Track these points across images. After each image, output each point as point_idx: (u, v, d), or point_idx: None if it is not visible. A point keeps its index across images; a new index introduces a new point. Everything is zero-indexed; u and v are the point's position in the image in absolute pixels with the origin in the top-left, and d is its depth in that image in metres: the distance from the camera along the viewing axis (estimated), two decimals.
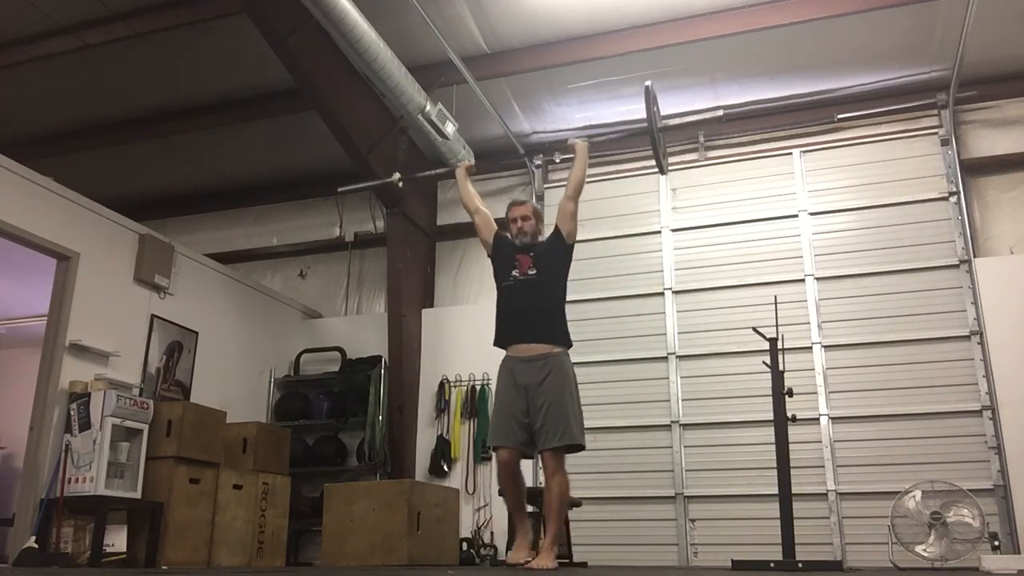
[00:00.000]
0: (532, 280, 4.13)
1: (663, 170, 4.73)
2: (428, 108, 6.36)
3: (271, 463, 6.22)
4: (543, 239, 4.36)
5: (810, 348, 6.32)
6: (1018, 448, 5.66)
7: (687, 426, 6.50)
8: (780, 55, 6.31)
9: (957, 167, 6.39)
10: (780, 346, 4.97)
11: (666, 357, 6.68)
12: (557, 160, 7.21)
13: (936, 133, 6.53)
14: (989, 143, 6.46)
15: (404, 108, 6.36)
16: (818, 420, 6.14)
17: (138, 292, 6.11)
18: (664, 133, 4.53)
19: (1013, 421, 5.73)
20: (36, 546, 4.89)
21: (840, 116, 6.70)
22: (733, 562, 4.82)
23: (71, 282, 5.54)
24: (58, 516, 5.01)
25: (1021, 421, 5.71)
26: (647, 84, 4.29)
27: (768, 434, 4.97)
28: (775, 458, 4.78)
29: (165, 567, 5.14)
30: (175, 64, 6.73)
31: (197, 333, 6.62)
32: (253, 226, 8.47)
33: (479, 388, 6.99)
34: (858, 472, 6.01)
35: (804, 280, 6.50)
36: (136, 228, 6.18)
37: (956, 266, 6.20)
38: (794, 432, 4.90)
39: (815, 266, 6.51)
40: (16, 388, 7.72)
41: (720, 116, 4.63)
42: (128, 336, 5.96)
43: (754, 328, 5.26)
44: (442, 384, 7.13)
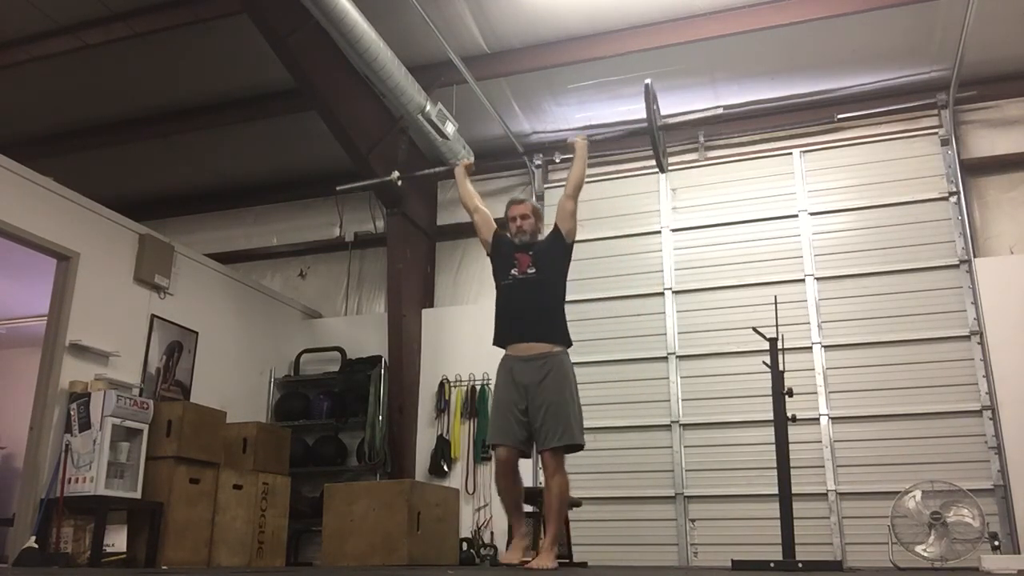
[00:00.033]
0: (531, 279, 4.12)
1: (663, 168, 4.72)
2: (428, 108, 6.36)
3: (271, 463, 6.22)
4: (542, 238, 4.35)
5: (810, 348, 6.32)
6: (1018, 448, 5.66)
7: (687, 426, 6.50)
8: (780, 55, 6.31)
9: (957, 167, 6.39)
10: (780, 346, 4.97)
11: (666, 357, 6.68)
12: (557, 160, 7.22)
13: (936, 133, 6.53)
14: (989, 143, 6.46)
15: (404, 108, 6.35)
16: (818, 420, 6.14)
17: (138, 292, 6.11)
18: (664, 132, 4.53)
19: (1013, 421, 5.73)
20: (36, 546, 4.89)
21: (840, 116, 6.70)
22: (733, 562, 4.82)
23: (71, 282, 5.54)
24: (58, 516, 5.02)
25: (1021, 421, 5.71)
26: (647, 82, 4.28)
27: (768, 434, 4.97)
28: (775, 458, 4.78)
29: (165, 567, 5.14)
30: (175, 64, 6.73)
31: (197, 333, 6.62)
32: (253, 226, 8.47)
33: (479, 388, 6.99)
34: (858, 472, 6.01)
35: (804, 280, 6.50)
36: (136, 228, 6.18)
37: (956, 266, 6.20)
38: (794, 432, 4.90)
39: (815, 266, 6.51)
40: (16, 388, 7.72)
41: (720, 113, 4.61)
42: (128, 336, 5.96)
43: (754, 328, 5.26)
44: (442, 384, 7.13)
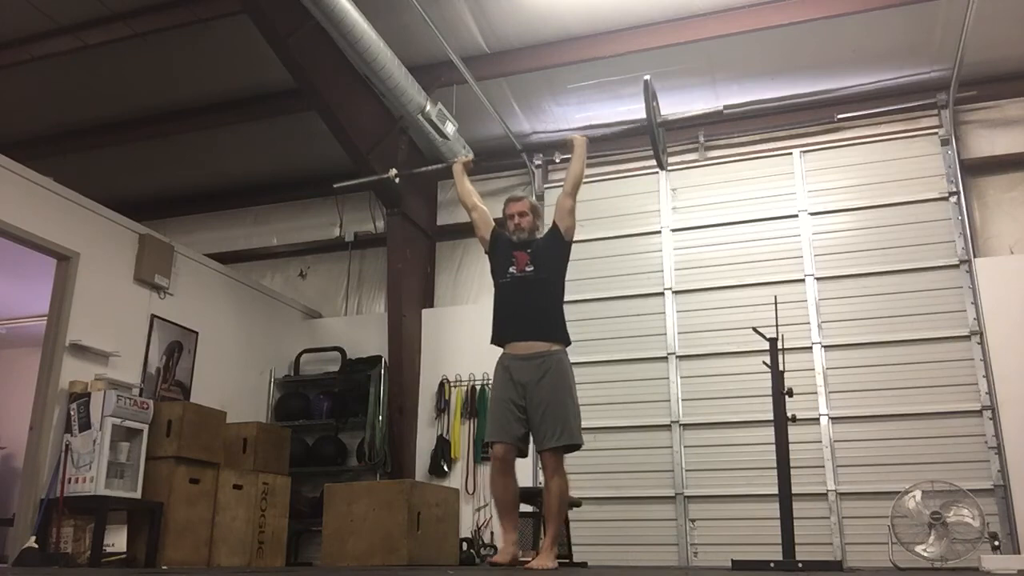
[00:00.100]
0: (530, 277, 4.09)
1: (662, 166, 4.70)
2: (428, 108, 6.36)
3: (271, 463, 6.22)
4: (541, 236, 4.32)
5: (810, 348, 6.31)
6: (1018, 448, 5.66)
7: (687, 426, 6.50)
8: (780, 55, 6.31)
9: (957, 167, 6.39)
10: (780, 346, 4.97)
11: (666, 357, 6.68)
12: (557, 160, 7.22)
13: (936, 133, 6.52)
14: (989, 143, 6.46)
15: (404, 108, 6.36)
16: (818, 420, 6.14)
17: (138, 292, 6.11)
18: (664, 131, 4.52)
19: (1013, 421, 5.72)
20: (36, 546, 4.89)
21: (840, 116, 6.70)
22: (733, 562, 4.81)
23: (71, 282, 5.54)
24: (58, 516, 5.02)
25: (1021, 421, 5.71)
26: (646, 78, 4.24)
27: (768, 434, 4.96)
28: (775, 458, 4.77)
29: (165, 567, 5.14)
30: (175, 64, 6.73)
31: (197, 333, 6.62)
32: (253, 226, 8.47)
33: (479, 388, 6.98)
34: (858, 472, 6.01)
35: (804, 280, 6.50)
36: (136, 228, 6.18)
37: (956, 266, 6.20)
38: (794, 432, 4.89)
39: (815, 266, 6.51)
40: (16, 388, 7.73)
41: (719, 110, 4.60)
42: (128, 336, 5.96)
43: (754, 328, 5.25)
44: (442, 384, 7.13)
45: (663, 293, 6.84)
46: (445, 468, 6.91)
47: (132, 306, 6.04)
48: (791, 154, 6.84)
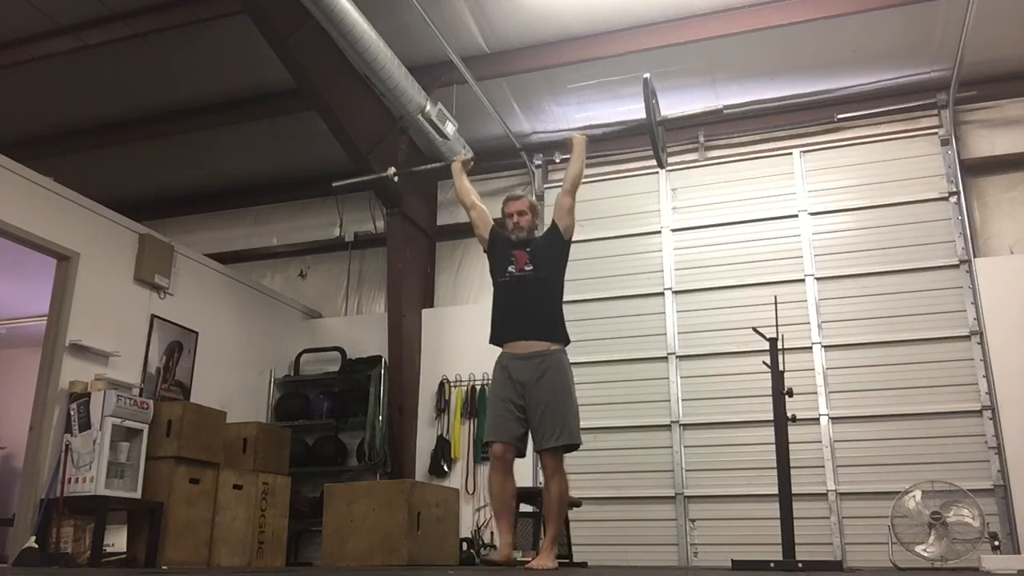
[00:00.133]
0: (529, 276, 4.08)
1: (662, 164, 4.68)
2: (428, 108, 6.36)
3: (271, 463, 6.22)
4: (540, 234, 4.31)
5: (810, 348, 6.32)
6: (1018, 448, 5.66)
7: (687, 426, 6.50)
8: (780, 55, 6.31)
9: (957, 167, 6.39)
10: (780, 346, 4.97)
11: (666, 357, 6.68)
12: (557, 160, 7.23)
13: (936, 133, 6.52)
14: (989, 143, 6.46)
15: (404, 108, 6.36)
16: (818, 420, 6.14)
17: (138, 292, 6.11)
18: (664, 130, 4.52)
19: (1013, 421, 5.72)
20: (36, 546, 4.89)
21: (840, 116, 6.70)
22: (733, 562, 4.81)
23: (71, 282, 5.54)
24: (58, 516, 5.02)
25: (1021, 421, 5.71)
26: (645, 76, 4.23)
27: (768, 434, 4.96)
28: (775, 458, 4.77)
29: (165, 567, 5.14)
30: (175, 64, 6.73)
31: (197, 333, 6.62)
32: (253, 226, 8.47)
33: (479, 388, 6.98)
34: (858, 472, 6.01)
35: (804, 280, 6.50)
36: (136, 228, 6.18)
37: (956, 266, 6.20)
38: (794, 432, 4.90)
39: (815, 266, 6.51)
40: (16, 388, 7.73)
41: (719, 108, 4.58)
42: (128, 336, 5.96)
43: (754, 328, 5.26)
44: (442, 384, 7.13)
45: (663, 293, 6.84)
46: (445, 468, 6.91)
47: (132, 306, 6.04)
48: (791, 154, 6.84)
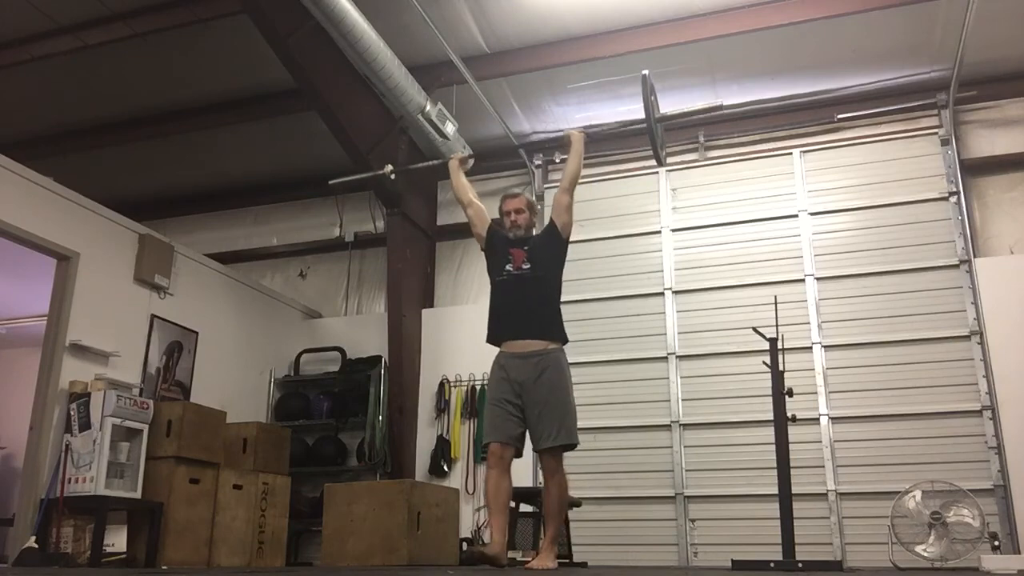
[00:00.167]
0: (527, 275, 4.05)
1: (661, 162, 4.67)
2: (428, 108, 6.36)
3: (271, 463, 6.22)
4: (538, 233, 4.29)
5: (810, 348, 6.32)
6: (1018, 448, 5.66)
7: (687, 426, 6.50)
8: (780, 55, 6.31)
9: (957, 167, 6.39)
10: (780, 346, 4.97)
11: (666, 357, 6.68)
12: (557, 160, 7.23)
13: (936, 133, 6.52)
14: (989, 143, 6.46)
15: (404, 108, 6.36)
16: (818, 420, 6.14)
17: (138, 292, 6.11)
18: (663, 128, 4.51)
19: (1013, 421, 5.73)
20: (36, 546, 4.89)
21: (840, 116, 6.70)
22: (733, 562, 4.82)
23: (71, 282, 5.54)
24: (58, 516, 5.02)
25: (1021, 421, 5.71)
26: (644, 72, 4.22)
27: (768, 434, 4.96)
28: (775, 458, 4.78)
29: (165, 567, 5.14)
30: (175, 64, 6.73)
31: (197, 333, 6.62)
32: (253, 226, 8.47)
33: (479, 388, 6.98)
34: (858, 472, 6.01)
35: (804, 280, 6.50)
36: (136, 228, 6.18)
37: (956, 266, 6.20)
38: (794, 432, 4.90)
39: (815, 266, 6.51)
40: (16, 388, 7.73)
41: (718, 104, 4.57)
42: (128, 336, 5.96)
43: (754, 328, 5.26)
44: (442, 384, 7.13)
45: (663, 293, 6.83)
46: (445, 468, 6.91)
47: (132, 306, 6.04)
48: (791, 154, 6.84)
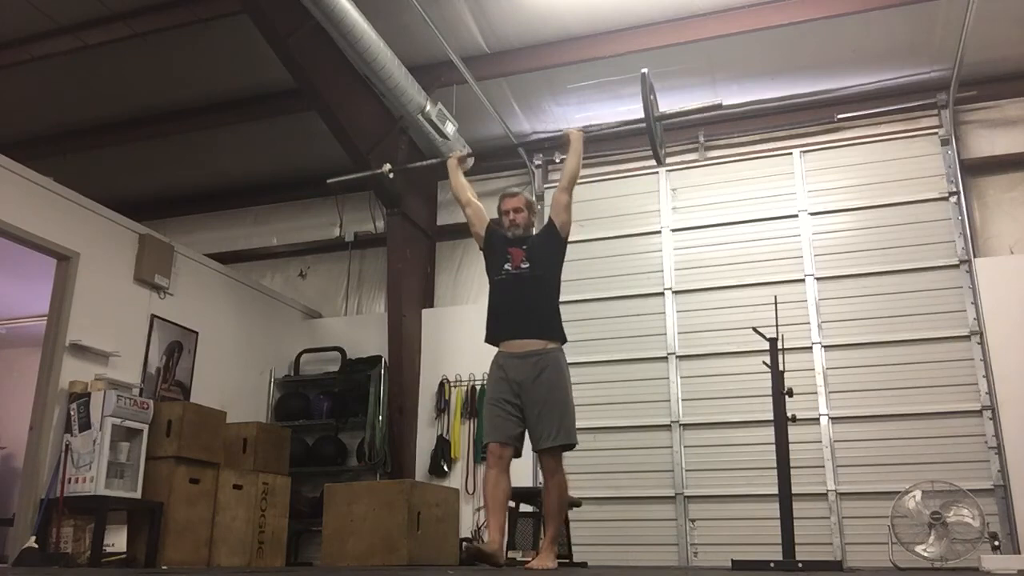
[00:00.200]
0: (526, 274, 4.04)
1: (660, 161, 4.65)
2: (428, 108, 6.36)
3: (271, 463, 6.22)
4: (536, 232, 4.28)
5: (810, 348, 6.31)
6: (1018, 448, 5.66)
7: (687, 426, 6.50)
8: (780, 55, 6.31)
9: (957, 167, 6.39)
10: (780, 346, 4.97)
11: (666, 357, 6.67)
12: (557, 160, 7.23)
13: (936, 133, 6.52)
14: (989, 143, 6.46)
15: (404, 108, 6.36)
16: (818, 420, 6.14)
17: (138, 292, 6.11)
18: (662, 127, 4.50)
19: (1013, 421, 5.72)
20: (36, 546, 4.89)
21: (840, 116, 6.70)
22: (733, 562, 4.81)
23: (71, 282, 5.54)
24: (58, 516, 5.02)
25: (1021, 421, 5.71)
26: (643, 71, 4.21)
27: (768, 434, 4.96)
28: (775, 458, 4.77)
29: (165, 567, 5.14)
30: (175, 64, 6.73)
31: (197, 333, 6.62)
32: (253, 226, 8.48)
33: (479, 388, 6.98)
34: (858, 472, 6.01)
35: (804, 280, 6.50)
36: (136, 228, 6.18)
37: (956, 266, 6.20)
38: (794, 432, 4.89)
39: (815, 266, 6.51)
40: (16, 388, 7.73)
41: (717, 103, 4.56)
42: (128, 336, 5.96)
43: (754, 328, 5.25)
44: (442, 384, 7.13)
45: (663, 293, 6.83)
46: (445, 468, 6.91)
47: (132, 306, 6.04)
48: (791, 154, 6.84)
